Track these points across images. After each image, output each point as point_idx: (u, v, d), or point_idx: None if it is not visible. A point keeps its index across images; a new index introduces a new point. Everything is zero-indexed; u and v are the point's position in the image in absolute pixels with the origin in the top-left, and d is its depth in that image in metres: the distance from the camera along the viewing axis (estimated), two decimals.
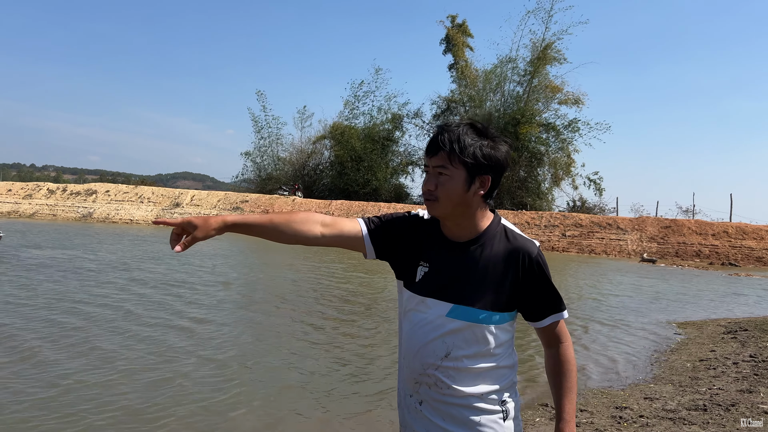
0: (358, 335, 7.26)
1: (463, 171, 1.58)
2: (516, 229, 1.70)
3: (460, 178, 1.58)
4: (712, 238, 27.21)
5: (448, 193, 1.59)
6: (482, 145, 1.59)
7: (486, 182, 1.61)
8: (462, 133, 1.59)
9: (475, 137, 1.60)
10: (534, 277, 1.64)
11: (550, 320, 1.68)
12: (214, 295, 9.61)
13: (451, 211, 1.62)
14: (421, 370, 1.66)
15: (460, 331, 1.63)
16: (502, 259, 1.63)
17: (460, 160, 1.57)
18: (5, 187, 37.90)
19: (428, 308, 1.68)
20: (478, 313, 1.61)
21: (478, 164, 1.58)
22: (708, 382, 5.44)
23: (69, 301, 8.29)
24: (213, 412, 4.39)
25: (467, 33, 42.26)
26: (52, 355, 5.58)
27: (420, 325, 1.69)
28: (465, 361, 1.62)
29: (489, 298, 1.62)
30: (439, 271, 1.68)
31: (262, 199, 34.96)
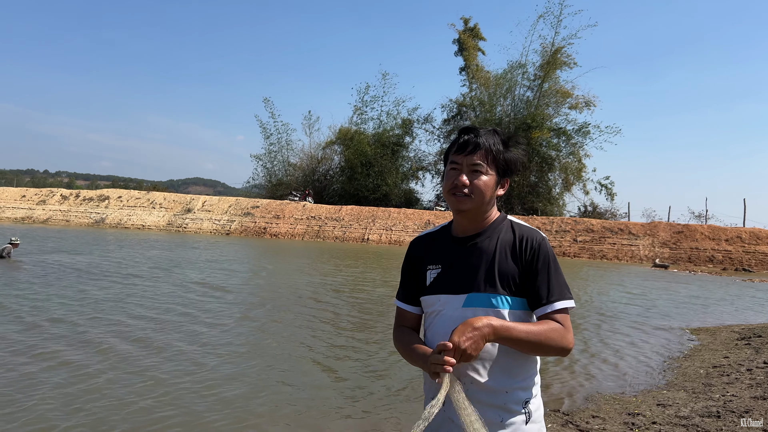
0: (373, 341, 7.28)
1: (494, 172, 1.71)
2: (522, 221, 1.78)
3: (493, 178, 1.71)
4: (726, 243, 26.96)
5: (482, 191, 1.69)
6: (512, 151, 1.74)
7: (506, 185, 1.77)
8: (496, 139, 1.72)
9: (503, 143, 1.74)
10: (538, 262, 1.66)
11: (552, 307, 1.63)
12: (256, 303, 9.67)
13: (478, 208, 1.71)
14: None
15: (494, 314, 1.65)
16: (509, 247, 1.69)
17: (494, 162, 1.70)
18: (19, 193, 38.35)
19: (444, 305, 1.72)
20: (491, 298, 1.64)
21: (507, 168, 1.74)
22: (721, 389, 5.40)
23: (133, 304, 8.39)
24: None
25: (479, 36, 42.33)
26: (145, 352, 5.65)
27: (439, 323, 1.73)
28: (484, 353, 1.62)
29: (500, 283, 1.65)
30: (451, 267, 1.75)
31: (273, 204, 35.10)
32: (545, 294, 1.64)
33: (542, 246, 1.68)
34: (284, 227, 32.27)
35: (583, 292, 13.61)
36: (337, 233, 31.19)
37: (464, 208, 1.71)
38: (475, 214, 1.73)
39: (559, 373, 6.14)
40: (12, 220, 34.01)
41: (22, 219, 34.25)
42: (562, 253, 27.50)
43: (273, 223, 32.77)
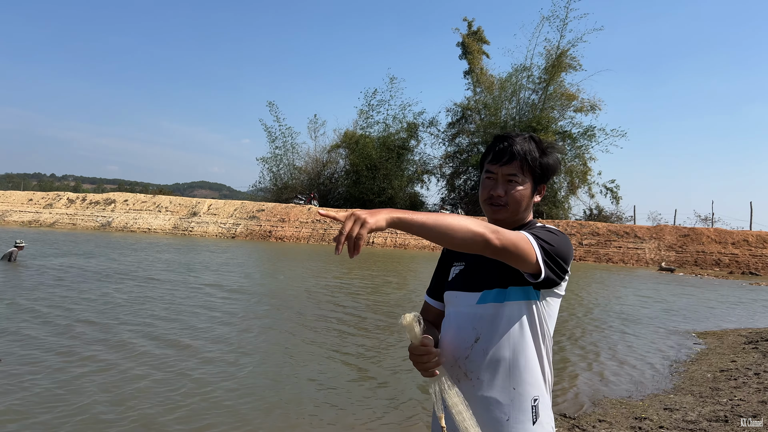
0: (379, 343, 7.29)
1: (530, 180, 1.72)
2: (551, 226, 1.75)
3: (528, 187, 1.72)
4: (732, 246, 26.84)
5: (519, 200, 1.70)
6: (546, 158, 1.74)
7: (542, 191, 1.78)
8: (531, 146, 1.72)
9: (539, 150, 1.73)
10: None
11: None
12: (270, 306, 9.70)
13: (515, 216, 1.73)
14: (453, 362, 1.69)
15: (488, 315, 1.65)
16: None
17: (530, 170, 1.71)
18: (26, 196, 38.56)
19: (460, 301, 1.74)
20: (504, 292, 1.63)
21: (543, 175, 1.74)
22: (729, 393, 5.38)
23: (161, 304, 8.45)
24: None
25: (483, 40, 42.33)
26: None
27: (454, 318, 1.75)
28: (493, 349, 1.62)
29: (512, 276, 1.63)
30: (474, 265, 1.75)
31: (278, 208, 35.16)
32: None
33: (547, 227, 1.68)
34: (289, 231, 32.33)
35: (588, 296, 13.58)
36: None
37: (500, 218, 1.73)
38: (511, 222, 1.74)
39: (565, 376, 6.13)
40: (19, 223, 34.19)
41: (29, 222, 34.42)
42: None
43: (278, 226, 32.84)
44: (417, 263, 21.34)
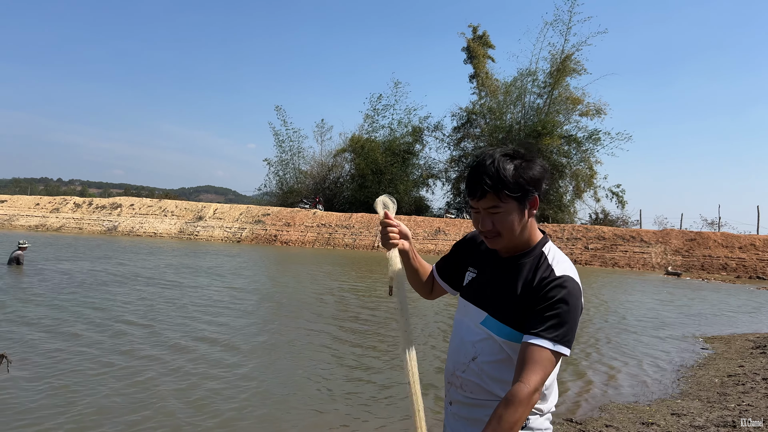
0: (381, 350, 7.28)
1: (514, 202, 1.63)
2: (557, 255, 1.68)
3: (514, 210, 1.64)
4: (739, 251, 26.70)
5: (509, 227, 1.64)
6: (522, 172, 1.62)
7: (535, 202, 1.68)
8: (500, 168, 1.61)
9: (510, 165, 1.62)
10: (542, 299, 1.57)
11: (524, 339, 1.55)
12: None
13: (514, 240, 1.68)
14: (453, 370, 1.76)
15: (488, 340, 1.67)
16: (532, 284, 1.62)
17: (509, 196, 1.61)
18: (33, 201, 38.78)
19: (468, 313, 1.78)
20: (504, 329, 1.64)
21: (524, 190, 1.62)
22: (737, 398, 5.35)
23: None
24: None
25: (488, 44, 42.31)
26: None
27: (460, 327, 1.80)
28: (489, 369, 1.65)
29: (515, 318, 1.62)
30: (484, 281, 1.77)
31: (284, 212, 35.22)
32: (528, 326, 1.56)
33: (555, 284, 1.57)
34: (295, 235, 32.36)
35: (594, 299, 13.53)
36: (347, 241, 31.23)
37: (499, 247, 1.71)
38: (513, 245, 1.71)
39: (571, 381, 6.11)
40: (26, 228, 34.37)
41: (36, 227, 34.60)
42: (574, 261, 27.33)
43: (283, 230, 32.88)
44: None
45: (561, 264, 1.64)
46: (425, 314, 9.94)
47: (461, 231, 31.11)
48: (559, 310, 1.53)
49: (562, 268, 1.62)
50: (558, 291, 1.55)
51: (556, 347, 1.50)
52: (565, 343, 1.52)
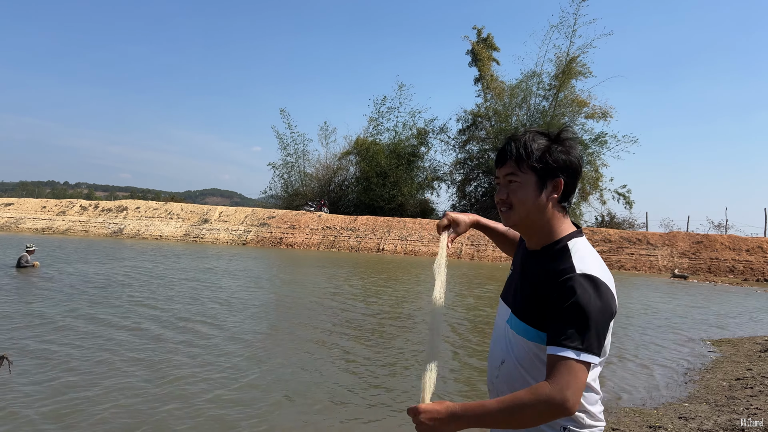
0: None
1: (533, 176, 1.55)
2: (584, 250, 1.54)
3: (531, 183, 1.56)
4: (746, 253, 26.55)
5: (521, 199, 1.57)
6: (551, 148, 1.56)
7: (559, 185, 1.56)
8: (529, 139, 1.57)
9: (543, 141, 1.57)
10: (556, 299, 1.44)
11: (549, 351, 1.42)
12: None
13: (525, 218, 1.58)
14: (489, 376, 1.68)
15: (513, 341, 1.58)
16: (550, 279, 1.49)
17: (529, 165, 1.55)
18: (40, 204, 38.95)
19: (500, 312, 1.72)
20: (522, 326, 1.55)
21: (547, 167, 1.55)
22: (745, 402, 5.30)
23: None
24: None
25: (493, 47, 42.29)
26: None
27: (495, 329, 1.73)
28: (517, 374, 1.56)
29: (534, 314, 1.52)
30: (514, 276, 1.72)
31: (289, 215, 35.25)
32: (550, 335, 1.44)
33: (573, 283, 1.43)
34: (300, 237, 32.38)
35: None
36: (352, 243, 31.22)
37: (510, 223, 1.63)
38: (528, 227, 1.61)
39: None
40: (32, 230, 34.52)
41: (42, 230, 34.74)
42: None
43: (289, 233, 32.91)
44: (429, 270, 21.29)
45: (586, 260, 1.49)
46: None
47: (466, 233, 31.02)
48: (581, 313, 1.39)
49: (587, 265, 1.47)
50: (578, 290, 1.41)
51: (581, 356, 1.37)
52: (591, 351, 1.39)
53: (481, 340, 8.18)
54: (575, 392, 1.35)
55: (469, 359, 7.01)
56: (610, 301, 1.45)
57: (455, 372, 6.41)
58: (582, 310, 1.39)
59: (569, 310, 1.40)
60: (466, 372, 6.46)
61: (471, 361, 6.92)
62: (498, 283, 16.88)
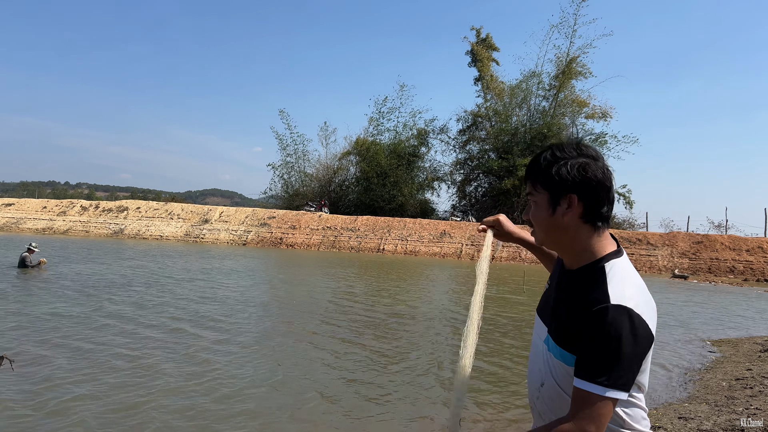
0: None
1: (545, 194, 1.51)
2: (621, 274, 1.45)
3: (543, 202, 1.52)
4: (747, 253, 26.56)
5: (536, 219, 1.55)
6: (565, 164, 1.48)
7: (573, 202, 1.47)
8: (545, 156, 1.52)
9: (560, 156, 1.50)
10: (587, 329, 1.38)
11: (575, 382, 1.37)
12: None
13: (545, 237, 1.56)
14: (530, 397, 1.65)
15: (552, 364, 1.52)
16: (584, 304, 1.41)
17: (541, 184, 1.51)
18: (40, 204, 38.99)
19: (537, 329, 1.67)
20: (563, 353, 1.47)
21: (557, 184, 1.48)
22: (745, 402, 5.31)
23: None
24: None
25: (492, 47, 42.32)
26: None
27: (532, 346, 1.67)
28: (557, 397, 1.51)
29: (566, 337, 1.46)
30: (549, 293, 1.66)
31: (289, 215, 35.28)
32: (578, 365, 1.38)
33: (600, 314, 1.36)
34: (300, 237, 32.40)
35: None
36: (352, 243, 31.24)
37: (537, 242, 1.62)
38: (555, 245, 1.57)
39: None
40: (33, 231, 34.55)
41: (43, 230, 34.78)
42: None
43: (289, 233, 32.94)
44: (430, 269, 21.33)
45: (620, 286, 1.40)
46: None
47: (466, 234, 31.07)
48: (611, 348, 1.32)
49: (622, 294, 1.38)
50: (609, 324, 1.33)
51: (606, 393, 1.31)
52: (617, 386, 1.32)
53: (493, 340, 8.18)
54: (598, 427, 1.32)
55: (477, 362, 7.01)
56: (646, 336, 1.36)
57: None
58: (612, 345, 1.32)
59: (599, 344, 1.34)
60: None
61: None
62: (500, 283, 16.89)
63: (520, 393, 5.66)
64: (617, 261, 1.48)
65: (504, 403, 5.35)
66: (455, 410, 1.60)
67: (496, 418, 4.93)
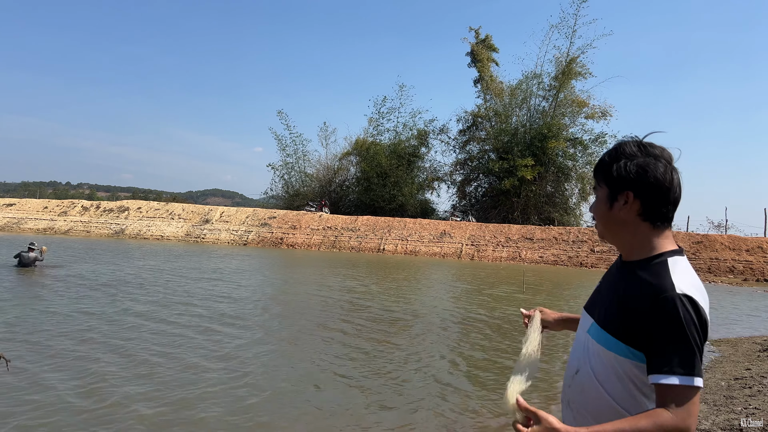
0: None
1: (605, 189, 1.57)
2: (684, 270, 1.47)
3: (603, 196, 1.58)
4: (746, 253, 26.57)
5: (596, 212, 1.62)
6: (626, 161, 1.53)
7: (629, 199, 1.52)
8: (610, 152, 1.59)
9: (625, 153, 1.55)
10: (660, 317, 1.39)
11: (655, 379, 1.38)
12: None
13: (604, 229, 1.62)
14: (564, 386, 1.69)
15: (592, 351, 1.56)
16: (648, 292, 1.43)
17: (602, 178, 1.58)
18: (42, 204, 39.01)
19: (581, 321, 1.71)
20: (605, 336, 1.51)
21: (615, 180, 1.53)
22: (743, 402, 5.35)
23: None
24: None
25: (492, 48, 42.35)
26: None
27: (576, 338, 1.72)
28: (590, 384, 1.53)
29: (619, 327, 1.48)
30: (602, 289, 1.68)
31: (290, 215, 35.30)
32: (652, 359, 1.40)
33: (665, 301, 1.39)
34: (301, 237, 32.43)
35: None
36: (353, 243, 31.27)
37: (599, 235, 1.68)
38: (614, 239, 1.62)
39: None
40: (34, 231, 34.57)
41: (44, 230, 34.80)
42: (579, 264, 27.29)
43: (289, 233, 32.96)
44: (430, 269, 21.35)
45: (683, 278, 1.44)
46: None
47: (467, 233, 31.10)
48: (686, 337, 1.36)
49: (686, 285, 1.41)
50: (681, 312, 1.37)
51: (694, 382, 1.35)
52: (700, 374, 1.36)
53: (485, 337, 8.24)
54: (695, 420, 1.35)
55: (474, 352, 7.07)
56: (707, 325, 1.41)
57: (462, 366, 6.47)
58: (687, 334, 1.36)
59: (674, 334, 1.37)
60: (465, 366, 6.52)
61: (475, 354, 6.98)
62: (497, 281, 16.92)
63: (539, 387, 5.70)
64: (680, 258, 1.51)
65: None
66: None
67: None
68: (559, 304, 12.92)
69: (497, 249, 29.50)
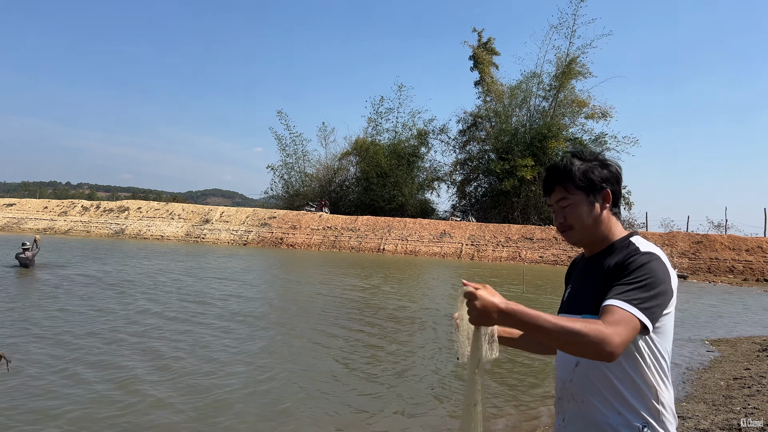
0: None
1: (581, 194, 1.69)
2: (645, 242, 1.65)
3: (582, 202, 1.69)
4: (746, 253, 26.58)
5: (578, 218, 1.69)
6: (590, 166, 1.70)
7: (607, 195, 1.70)
8: (567, 164, 1.71)
9: (579, 161, 1.72)
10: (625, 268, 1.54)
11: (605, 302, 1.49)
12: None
13: (587, 233, 1.71)
14: (561, 385, 1.72)
15: None
16: (619, 261, 1.58)
17: (575, 186, 1.69)
18: (42, 204, 39.04)
19: None
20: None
21: (592, 183, 1.69)
22: (742, 401, 5.36)
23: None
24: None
25: (493, 51, 42.43)
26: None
27: None
28: (593, 369, 1.60)
29: (602, 299, 1.55)
30: (574, 287, 1.78)
31: (290, 215, 35.32)
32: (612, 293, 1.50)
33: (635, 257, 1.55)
34: (301, 237, 32.45)
35: None
36: (353, 243, 31.28)
37: (573, 241, 1.74)
38: (591, 239, 1.72)
39: None
40: (34, 231, 34.56)
41: (44, 230, 34.81)
42: None
43: (289, 233, 32.98)
44: (431, 269, 21.37)
45: (649, 245, 1.61)
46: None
47: (466, 233, 31.12)
48: (644, 276, 1.50)
49: (650, 247, 1.60)
50: (643, 259, 1.54)
51: (638, 314, 1.44)
52: (645, 311, 1.45)
53: None
54: (623, 344, 1.39)
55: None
56: (671, 278, 1.55)
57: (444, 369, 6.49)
58: (645, 274, 1.51)
59: (633, 273, 1.52)
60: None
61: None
62: (496, 278, 16.93)
63: (539, 386, 5.72)
64: (639, 237, 1.69)
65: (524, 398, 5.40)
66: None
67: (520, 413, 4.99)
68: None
69: (497, 249, 29.51)
